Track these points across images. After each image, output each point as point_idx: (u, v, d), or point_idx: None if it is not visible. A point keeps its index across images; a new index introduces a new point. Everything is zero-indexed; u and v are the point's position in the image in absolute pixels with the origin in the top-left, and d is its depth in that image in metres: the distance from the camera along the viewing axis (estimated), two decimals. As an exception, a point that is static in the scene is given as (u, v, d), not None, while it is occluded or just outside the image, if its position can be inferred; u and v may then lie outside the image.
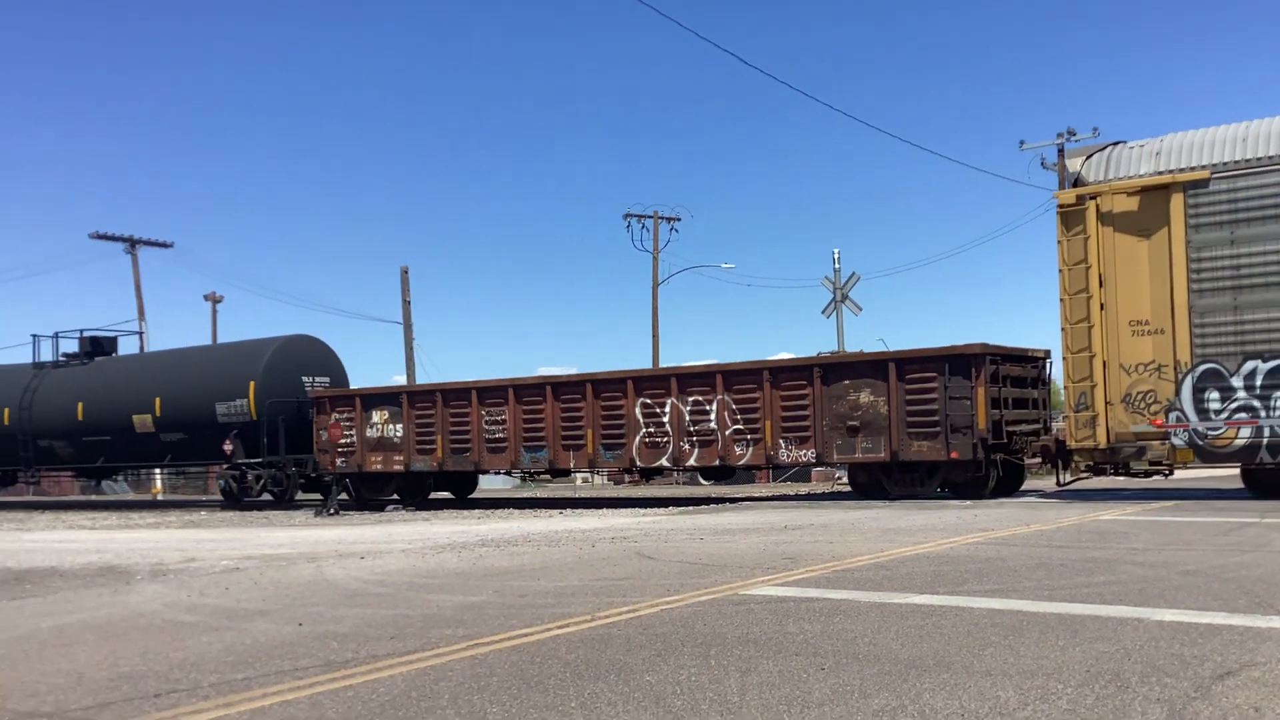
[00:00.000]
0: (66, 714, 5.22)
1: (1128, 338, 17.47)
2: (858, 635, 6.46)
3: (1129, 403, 17.46)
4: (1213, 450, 16.91)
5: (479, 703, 5.15)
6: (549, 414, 23.88)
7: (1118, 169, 17.83)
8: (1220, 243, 16.74)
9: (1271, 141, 16.67)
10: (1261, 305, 16.49)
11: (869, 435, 20.37)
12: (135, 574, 11.38)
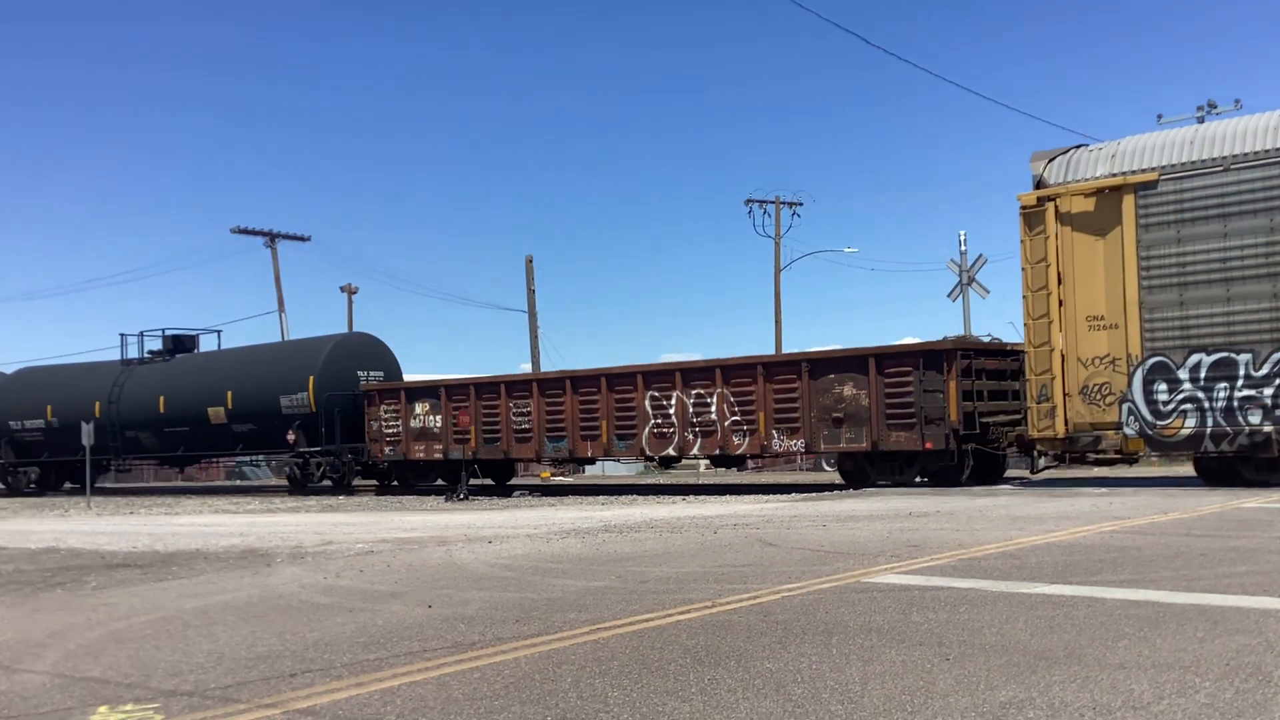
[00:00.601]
0: (206, 693, 5.45)
1: (1085, 332, 18.17)
2: (984, 625, 6.35)
3: (1086, 394, 18.20)
4: (1161, 440, 17.76)
5: (600, 686, 5.22)
6: (569, 406, 25.35)
7: (1076, 171, 18.49)
8: (1168, 241, 17.44)
9: (1215, 144, 17.24)
10: (1204, 301, 17.16)
11: (852, 426, 21.46)
12: (275, 557, 11.79)
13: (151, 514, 22.81)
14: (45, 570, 11.42)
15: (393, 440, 28.49)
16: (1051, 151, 19.18)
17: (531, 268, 44.71)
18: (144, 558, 12.33)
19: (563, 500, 22.10)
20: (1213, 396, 17.17)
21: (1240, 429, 16.96)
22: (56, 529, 18.31)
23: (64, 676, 5.94)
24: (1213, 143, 17.35)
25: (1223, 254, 17.05)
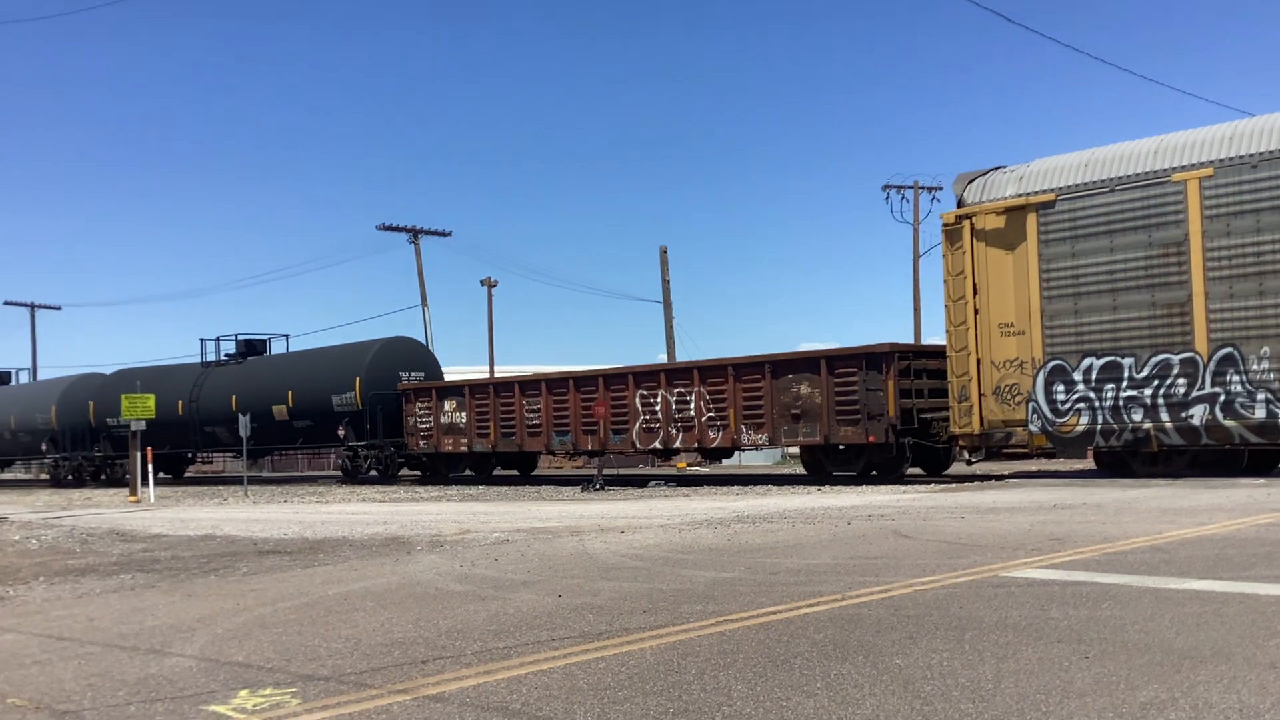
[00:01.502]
0: (342, 678, 5.61)
1: (997, 338, 19.82)
2: (1127, 623, 6.11)
3: (999, 395, 19.80)
4: (1060, 436, 19.27)
5: (725, 679, 5.19)
6: (572, 404, 27.45)
7: (990, 192, 20.11)
8: (1064, 255, 19.04)
9: (1103, 167, 18.71)
10: (1095, 310, 18.71)
11: (808, 422, 23.13)
12: (415, 545, 12.09)
13: (304, 502, 23.64)
14: (201, 556, 11.94)
15: (426, 435, 30.96)
16: (972, 174, 20.71)
17: (666, 258, 44.82)
18: (293, 544, 12.79)
19: (697, 491, 22.11)
20: (1102, 396, 18.70)
21: (1125, 426, 18.51)
22: (215, 516, 19.13)
23: (210, 660, 6.19)
24: (1101, 166, 18.84)
25: (1110, 267, 18.62)
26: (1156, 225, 18.16)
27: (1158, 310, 18.20)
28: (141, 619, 7.77)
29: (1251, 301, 17.27)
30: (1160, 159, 18.27)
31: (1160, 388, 18.15)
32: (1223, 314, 17.63)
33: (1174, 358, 18.04)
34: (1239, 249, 17.39)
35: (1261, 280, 17.15)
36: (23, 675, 6.04)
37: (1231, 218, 17.46)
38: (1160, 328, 18.18)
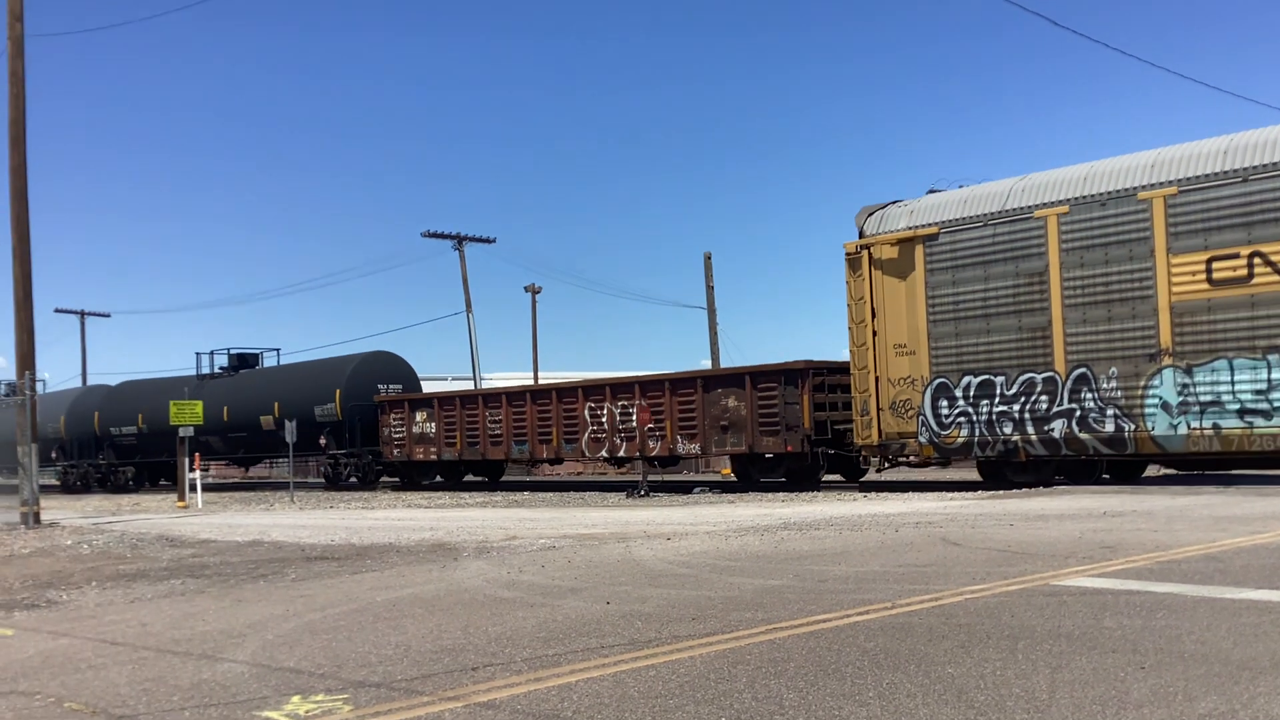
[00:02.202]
0: (393, 684, 5.64)
1: (893, 358, 21.46)
2: (1183, 632, 6.01)
3: (894, 409, 21.46)
4: (945, 447, 20.94)
5: (775, 688, 5.16)
6: (529, 415, 29.45)
7: (886, 224, 21.76)
8: (946, 283, 20.71)
9: (978, 204, 20.50)
10: (972, 333, 20.39)
11: (735, 433, 24.99)
12: (462, 551, 12.13)
13: (349, 508, 23.81)
14: (249, 562, 12.05)
15: (400, 444, 33.02)
16: (872, 207, 22.36)
17: (710, 265, 44.74)
18: (340, 551, 12.88)
19: (742, 497, 22.05)
20: (978, 411, 20.42)
21: (998, 438, 20.22)
22: (261, 522, 19.31)
23: (261, 665, 6.24)
24: (978, 202, 20.57)
25: (984, 294, 20.32)
26: (1023, 257, 19.89)
27: (1024, 334, 19.94)
28: (193, 624, 7.85)
29: (1101, 327, 19.02)
30: (1026, 197, 19.98)
31: (1026, 404, 19.90)
32: (1078, 338, 19.31)
33: (1038, 377, 19.77)
34: (1091, 279, 19.11)
35: (1109, 308, 18.90)
36: (78, 680, 6.12)
37: (1084, 251, 19.20)
38: (1026, 350, 19.91)
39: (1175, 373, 18.19)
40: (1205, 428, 17.94)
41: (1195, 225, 17.98)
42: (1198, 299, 17.96)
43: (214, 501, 29.64)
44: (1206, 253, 17.84)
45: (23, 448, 20.28)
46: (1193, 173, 18.07)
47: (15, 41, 20.77)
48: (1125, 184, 18.77)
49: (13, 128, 20.70)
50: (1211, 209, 17.81)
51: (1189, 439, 18.14)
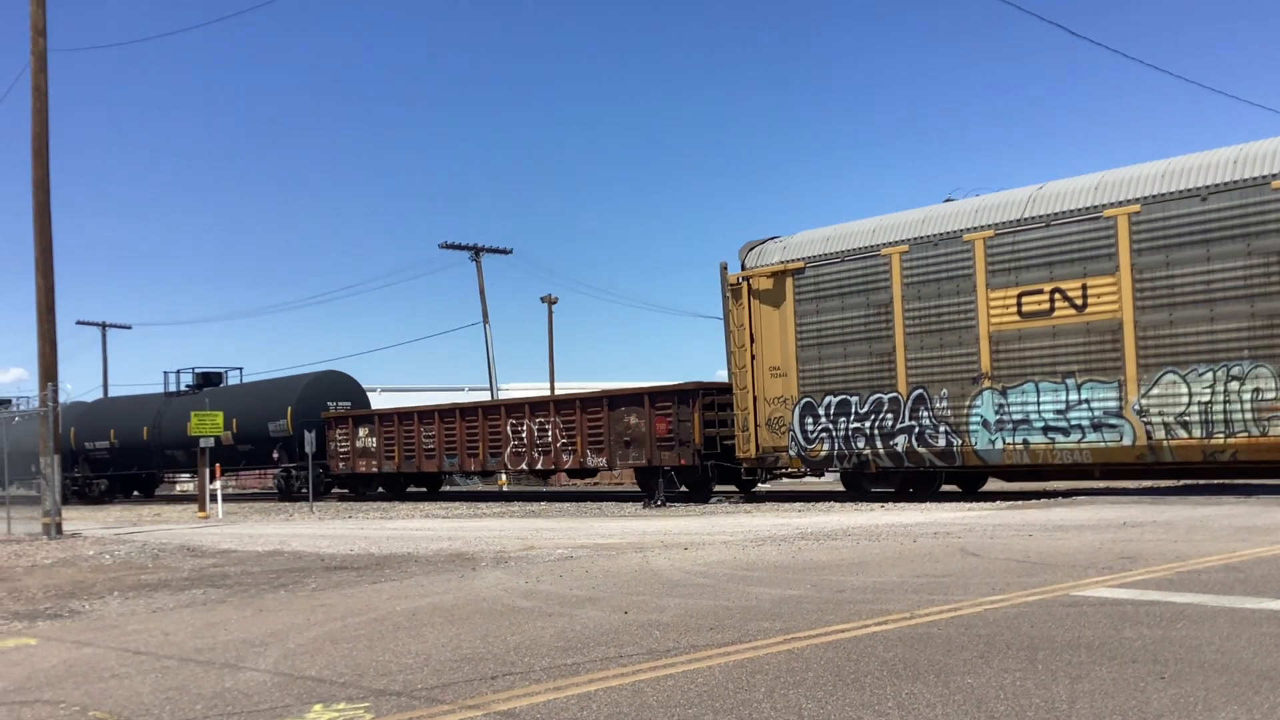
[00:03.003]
0: (414, 693, 5.67)
1: (769, 378, 23.61)
2: (1203, 643, 6.00)
3: (770, 425, 23.61)
4: (811, 459, 23.16)
5: (794, 698, 5.18)
6: (458, 430, 31.48)
7: (763, 259, 24.01)
8: (811, 312, 22.95)
9: (837, 241, 22.82)
10: (832, 357, 22.63)
11: (636, 448, 27.08)
12: (480, 561, 12.17)
13: (367, 518, 23.89)
14: (270, 572, 12.12)
15: (345, 457, 35.15)
16: (753, 242, 24.49)
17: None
18: (359, 560, 12.93)
19: (759, 507, 22.03)
20: (837, 428, 22.56)
21: (853, 451, 22.36)
22: (281, 532, 19.40)
23: (283, 675, 6.29)
24: (837, 240, 22.88)
25: (841, 322, 22.52)
26: (873, 289, 22.11)
27: (874, 359, 22.15)
28: (215, 633, 7.91)
29: (935, 353, 21.26)
30: (876, 236, 22.19)
31: (875, 421, 22.10)
32: (917, 362, 21.50)
33: (885, 397, 21.97)
34: (926, 310, 21.37)
35: (941, 336, 21.14)
36: (102, 689, 6.18)
37: (921, 285, 21.46)
38: (875, 373, 22.11)
39: (993, 394, 20.54)
40: (1017, 443, 20.27)
41: (1008, 264, 20.32)
42: (1011, 329, 20.33)
43: (234, 512, 29.79)
44: (1018, 288, 20.21)
45: (45, 459, 20.42)
46: (1006, 218, 20.40)
47: (38, 56, 20.97)
48: (954, 227, 21.12)
49: (35, 141, 20.90)
50: (1021, 250, 20.18)
51: (1004, 453, 20.47)
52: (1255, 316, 17.64)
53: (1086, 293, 19.33)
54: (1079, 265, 19.41)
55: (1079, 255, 19.41)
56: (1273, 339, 17.46)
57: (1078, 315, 19.44)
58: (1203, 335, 18.14)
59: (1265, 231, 17.48)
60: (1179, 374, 18.38)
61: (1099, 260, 19.20)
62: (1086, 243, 19.33)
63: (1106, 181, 19.40)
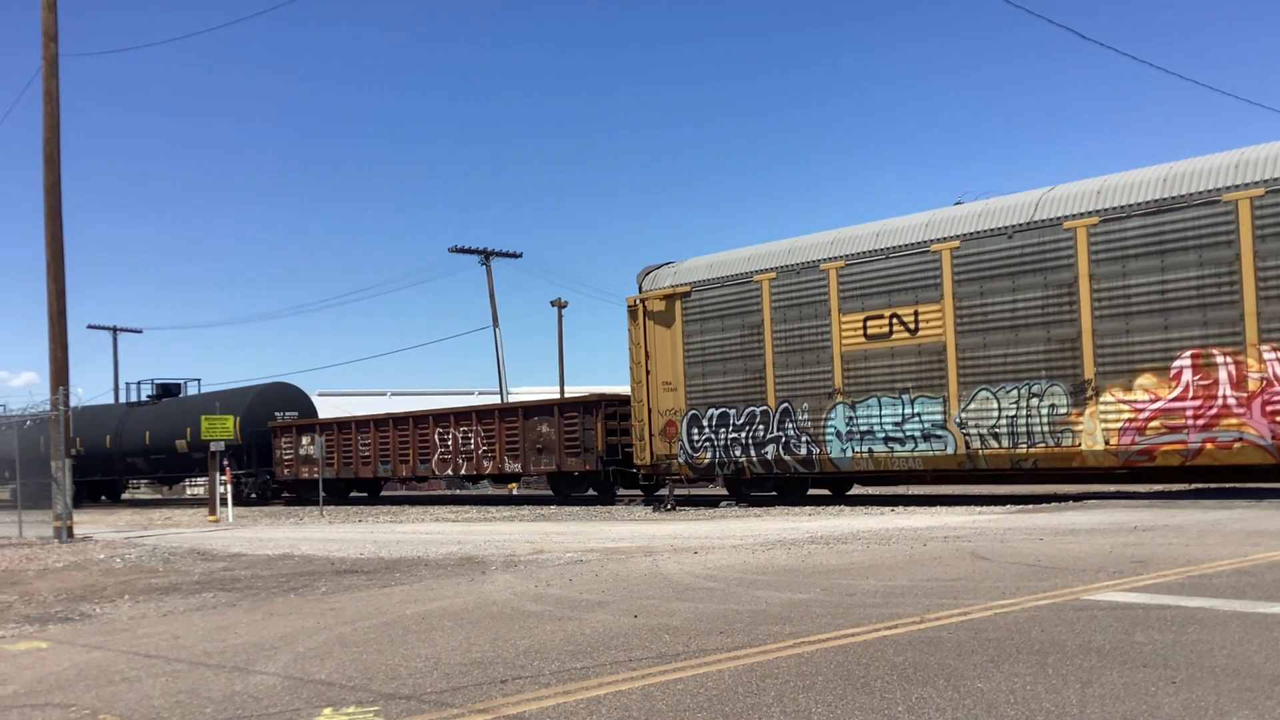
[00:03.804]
0: (423, 697, 5.67)
1: (662, 392, 25.65)
2: (1215, 647, 5.98)
3: (662, 435, 25.62)
4: (696, 466, 25.10)
5: (804, 702, 5.17)
6: (391, 439, 34.21)
7: (657, 283, 26.03)
8: (697, 332, 24.99)
9: (719, 268, 24.85)
10: (714, 374, 24.67)
11: (547, 454, 29.76)
12: (489, 564, 12.18)
13: (377, 522, 23.92)
14: (280, 575, 12.14)
15: (289, 464, 37.71)
16: (650, 267, 26.49)
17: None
18: (370, 564, 12.95)
19: (769, 511, 22.01)
20: (719, 437, 24.55)
21: (731, 459, 24.39)
22: (291, 536, 19.44)
23: (293, 678, 6.30)
24: (719, 267, 24.94)
25: (721, 342, 24.55)
26: (747, 313, 24.17)
27: (748, 375, 24.14)
28: (225, 637, 7.92)
29: (798, 370, 23.38)
30: (750, 264, 24.35)
31: (750, 431, 24.08)
32: (783, 379, 23.55)
33: (757, 410, 23.98)
34: (791, 332, 23.50)
35: (803, 355, 23.27)
36: (112, 692, 6.19)
37: (788, 309, 23.50)
38: (750, 388, 24.14)
39: (844, 408, 22.71)
40: (864, 451, 22.38)
41: (856, 291, 22.53)
42: (858, 349, 22.53)
43: (245, 516, 29.85)
44: (864, 313, 22.42)
45: (55, 462, 20.50)
46: (856, 250, 22.56)
47: (50, 62, 21.06)
48: (813, 257, 23.28)
49: (47, 147, 20.98)
50: (867, 279, 22.37)
51: (854, 460, 22.56)
52: (1050, 341, 19.88)
53: (918, 318, 21.65)
54: (912, 293, 21.70)
55: (912, 284, 21.70)
56: (1064, 361, 19.69)
57: (911, 338, 21.78)
58: (1009, 357, 20.42)
59: (1058, 266, 19.68)
60: (991, 391, 20.65)
61: (928, 289, 21.48)
62: (918, 274, 21.57)
63: (935, 220, 21.60)
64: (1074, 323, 19.51)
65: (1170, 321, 18.56)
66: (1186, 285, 18.39)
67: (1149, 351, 18.80)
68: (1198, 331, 18.30)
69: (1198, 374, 18.30)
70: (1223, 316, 18.05)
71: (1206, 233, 18.12)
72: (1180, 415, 18.48)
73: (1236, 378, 17.96)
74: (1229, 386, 18.05)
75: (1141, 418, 18.87)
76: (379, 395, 64.97)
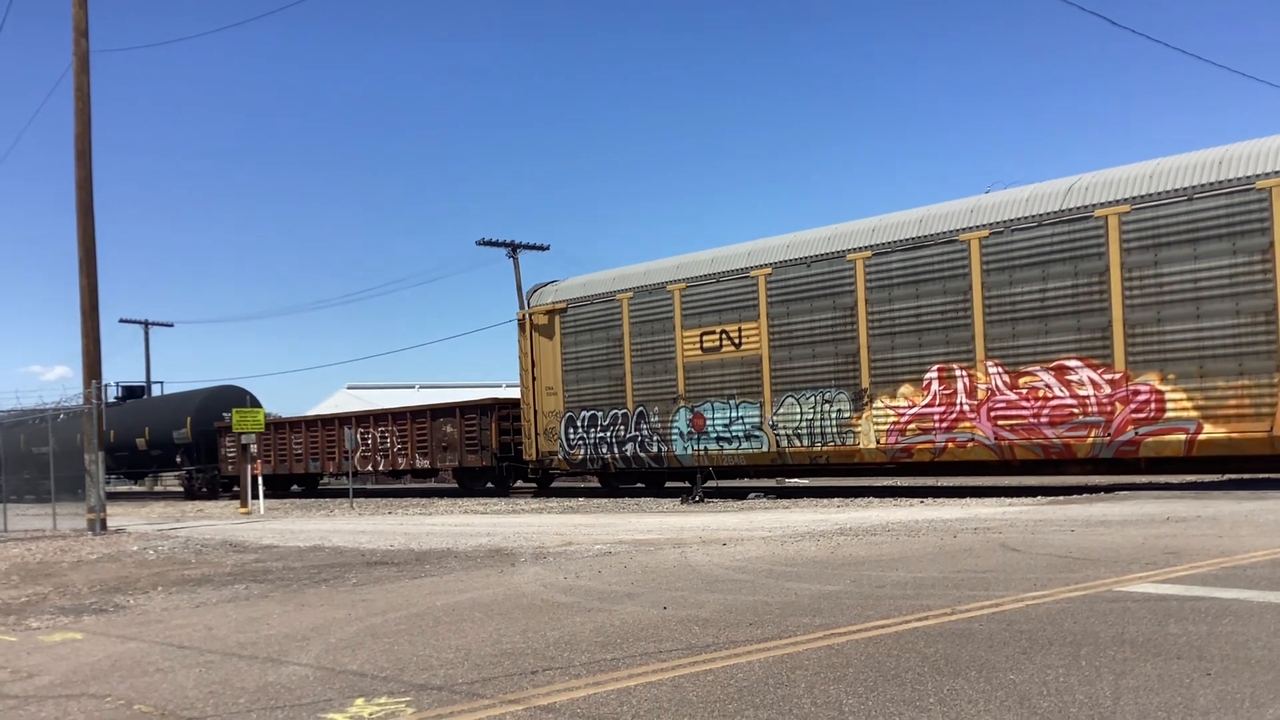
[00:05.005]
0: (454, 688, 5.70)
1: (545, 396, 28.86)
2: (1250, 638, 5.92)
3: (546, 434, 28.85)
4: (573, 461, 28.23)
5: (835, 693, 5.15)
6: (320, 438, 37.70)
7: (541, 299, 29.29)
8: (572, 344, 28.20)
9: (590, 288, 27.94)
10: (586, 380, 27.78)
11: (452, 451, 33.24)
12: (519, 556, 12.21)
13: (408, 514, 24.04)
14: (311, 567, 12.22)
15: (233, 461, 39.96)
16: (537, 285, 29.90)
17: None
18: (400, 556, 13.01)
19: (797, 503, 21.97)
20: (590, 436, 27.68)
21: (599, 455, 27.51)
22: (322, 528, 19.56)
23: (325, 669, 6.34)
24: (591, 286, 28.05)
25: (591, 352, 27.73)
26: (611, 327, 27.27)
27: (612, 382, 27.21)
28: (257, 628, 7.98)
29: (650, 378, 26.51)
30: (615, 284, 27.51)
31: (614, 432, 27.20)
32: (640, 385, 26.68)
33: (619, 413, 27.06)
34: (645, 345, 26.59)
35: (654, 365, 26.45)
36: (147, 683, 6.25)
37: (643, 324, 26.65)
38: (614, 393, 27.17)
39: (686, 411, 25.83)
40: (701, 449, 25.51)
41: (695, 310, 25.66)
42: (696, 360, 25.64)
43: (276, 508, 30.05)
44: (700, 329, 25.57)
45: (89, 455, 20.70)
46: (695, 274, 25.65)
47: (81, 57, 21.23)
48: (662, 279, 26.45)
49: (78, 142, 21.16)
50: (703, 300, 25.55)
51: (694, 457, 25.61)
52: (839, 356, 23.13)
53: (741, 334, 24.81)
54: (737, 313, 24.87)
55: (737, 305, 24.85)
56: (849, 373, 22.96)
57: (736, 351, 24.93)
58: (809, 368, 23.61)
59: (843, 292, 22.98)
60: (795, 398, 23.83)
61: (749, 309, 24.68)
62: (742, 296, 24.74)
63: (755, 249, 24.84)
64: (854, 340, 22.86)
65: (923, 340, 21.86)
66: (934, 310, 21.66)
67: (908, 365, 22.08)
68: (942, 349, 21.60)
69: (943, 385, 21.59)
70: (960, 337, 21.29)
71: (949, 266, 21.33)
72: (930, 419, 21.75)
73: (970, 388, 21.20)
74: (965, 395, 21.31)
75: (903, 421, 22.15)
76: (407, 388, 65.15)
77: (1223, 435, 18.30)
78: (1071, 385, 19.92)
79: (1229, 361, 18.22)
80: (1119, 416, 19.33)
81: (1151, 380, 19.00)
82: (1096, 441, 19.65)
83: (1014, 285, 20.52)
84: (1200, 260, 18.41)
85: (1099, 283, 19.54)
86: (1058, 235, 19.95)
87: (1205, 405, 18.44)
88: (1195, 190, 18.41)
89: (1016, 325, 20.52)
